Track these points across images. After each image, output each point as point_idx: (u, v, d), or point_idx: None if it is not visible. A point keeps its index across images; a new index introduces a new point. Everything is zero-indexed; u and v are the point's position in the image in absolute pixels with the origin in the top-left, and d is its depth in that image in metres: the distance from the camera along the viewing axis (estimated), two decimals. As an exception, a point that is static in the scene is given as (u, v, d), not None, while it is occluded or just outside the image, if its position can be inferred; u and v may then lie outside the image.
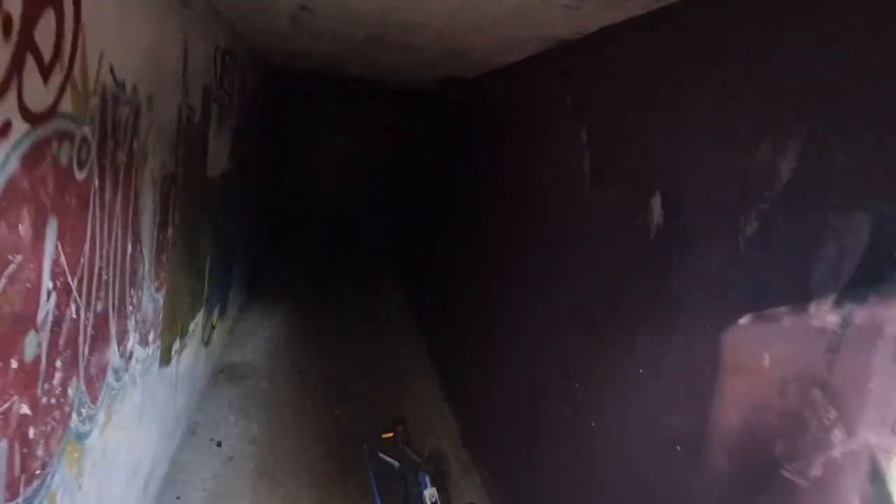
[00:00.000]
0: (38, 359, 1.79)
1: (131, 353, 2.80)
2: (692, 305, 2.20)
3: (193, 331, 4.32)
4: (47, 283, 1.80)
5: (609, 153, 3.00)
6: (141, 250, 2.78)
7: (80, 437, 2.24)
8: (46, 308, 1.81)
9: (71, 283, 1.99)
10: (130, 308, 2.71)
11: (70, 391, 2.09)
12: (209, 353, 5.08)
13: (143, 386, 3.07)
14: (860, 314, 1.52)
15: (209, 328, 5.00)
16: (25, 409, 1.74)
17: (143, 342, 3.00)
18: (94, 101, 2.03)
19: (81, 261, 2.06)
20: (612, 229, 2.86)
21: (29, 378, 1.75)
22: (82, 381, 2.19)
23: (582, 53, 3.35)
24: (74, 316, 2.05)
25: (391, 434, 3.01)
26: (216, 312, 5.27)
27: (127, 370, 2.76)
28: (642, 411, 2.45)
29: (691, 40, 2.37)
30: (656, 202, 2.49)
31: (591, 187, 3.13)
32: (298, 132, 10.29)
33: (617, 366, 2.67)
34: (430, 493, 2.62)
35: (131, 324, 2.75)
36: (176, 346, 3.77)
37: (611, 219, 2.89)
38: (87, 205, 2.07)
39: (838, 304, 1.58)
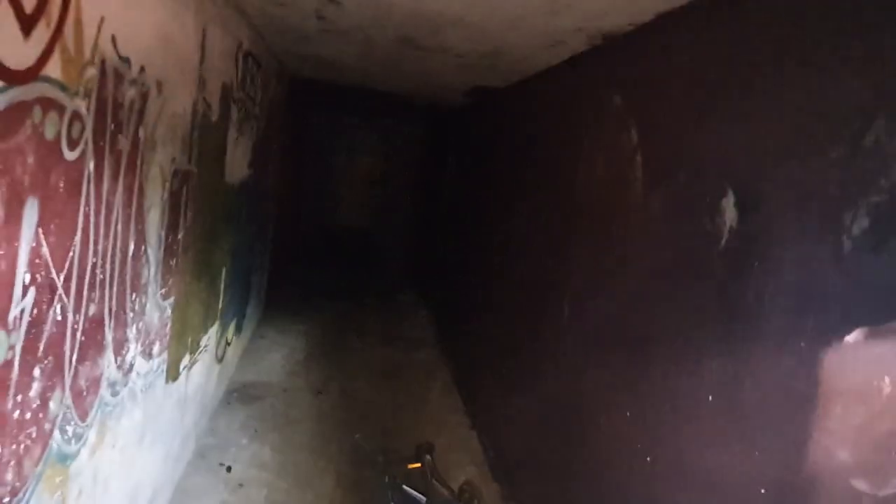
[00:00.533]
0: (8, 364, 1.52)
1: (131, 365, 2.52)
2: (779, 321, 1.85)
3: (206, 346, 4.05)
4: (23, 276, 1.53)
5: (665, 153, 2.69)
6: (146, 251, 2.52)
7: (65, 458, 1.95)
8: (21, 305, 1.54)
9: (56, 280, 1.72)
10: (132, 315, 2.44)
11: (52, 405, 1.81)
12: (222, 371, 4.81)
13: (145, 403, 2.78)
14: None
15: (223, 344, 4.73)
16: (-11, 425, 1.46)
17: (147, 354, 2.73)
18: (91, 73, 1.79)
19: (70, 255, 1.79)
20: (671, 238, 2.53)
21: (-5, 387, 1.47)
22: (68, 394, 1.91)
23: (632, 47, 3.07)
24: (59, 318, 1.78)
25: (419, 465, 2.68)
26: (231, 328, 5.01)
27: (126, 384, 2.49)
28: (711, 445, 2.10)
29: (773, 16, 2.07)
30: (728, 202, 2.17)
31: (643, 193, 2.81)
32: (321, 148, 10.14)
33: (678, 393, 2.32)
34: (461, 533, 2.28)
35: (132, 332, 2.48)
36: (185, 361, 3.49)
37: (669, 226, 2.57)
38: (79, 191, 1.81)
39: None
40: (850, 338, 1.58)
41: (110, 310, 2.19)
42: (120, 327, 2.32)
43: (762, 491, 1.82)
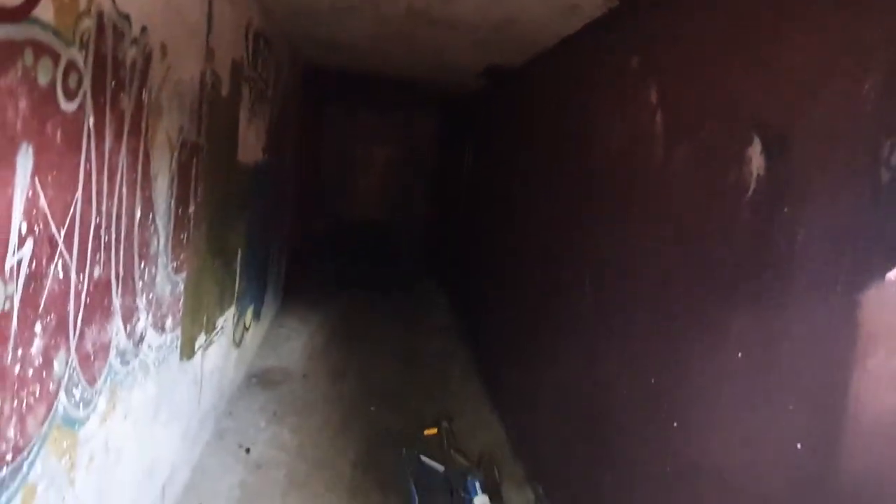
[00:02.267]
0: (6, 316, 1.47)
1: (142, 336, 2.49)
2: (813, 266, 1.74)
3: (222, 328, 4.02)
4: (19, 225, 1.49)
5: (686, 109, 2.58)
6: (154, 220, 2.48)
7: (72, 422, 1.91)
8: (18, 256, 1.50)
9: (56, 235, 1.68)
10: (141, 283, 2.40)
11: (56, 365, 1.77)
12: (241, 356, 4.79)
13: (158, 378, 2.75)
14: None
15: (241, 329, 4.71)
16: (-14, 376, 1.42)
17: (159, 327, 2.69)
18: (87, 24, 1.74)
19: (70, 211, 1.75)
20: (695, 195, 2.42)
21: (-8, 338, 1.43)
22: (74, 357, 1.87)
23: (651, 6, 2.96)
24: (62, 276, 1.74)
25: (435, 430, 2.60)
26: (249, 313, 4.99)
27: (137, 355, 2.45)
28: (742, 402, 1.99)
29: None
30: (754, 150, 2.05)
31: (664, 152, 2.70)
32: (337, 139, 10.12)
33: (705, 353, 2.22)
34: (480, 500, 2.20)
35: (142, 302, 2.44)
36: (201, 340, 3.46)
37: (692, 183, 2.46)
38: (79, 146, 1.77)
39: None
40: (893, 275, 1.46)
41: (117, 275, 2.15)
42: (128, 295, 2.28)
43: (798, 446, 1.71)
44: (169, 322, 2.82)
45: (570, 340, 3.53)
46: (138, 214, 2.29)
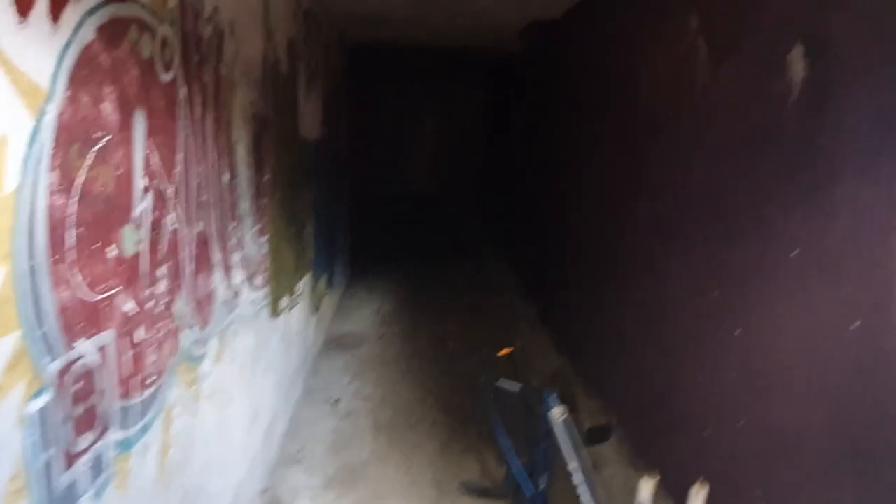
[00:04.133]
0: (137, 257, 1.73)
1: (239, 289, 2.76)
2: (859, 155, 1.82)
3: (301, 293, 4.32)
4: (140, 180, 1.74)
5: (727, 29, 2.64)
6: (238, 185, 2.74)
7: (193, 358, 2.20)
8: (142, 206, 1.76)
9: (166, 191, 1.93)
10: (233, 241, 2.67)
11: (177, 306, 2.04)
12: (319, 321, 5.11)
13: (255, 330, 3.04)
14: None
15: (317, 296, 5.02)
16: (130, 307, 1.68)
17: (251, 284, 2.97)
18: (173, 4, 1.97)
19: (175, 170, 2.00)
20: (742, 108, 2.49)
21: (130, 274, 1.69)
22: (189, 300, 2.15)
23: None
24: (173, 227, 2.00)
25: (509, 350, 2.79)
26: (323, 282, 5.30)
27: (236, 307, 2.73)
28: (799, 299, 2.09)
29: None
30: (796, 55, 2.12)
31: (709, 74, 2.77)
32: (386, 116, 10.34)
33: (765, 258, 2.31)
34: (558, 411, 2.37)
35: (236, 259, 2.71)
36: (285, 301, 3.76)
37: (738, 98, 2.53)
38: (176, 113, 2.01)
39: None
40: (934, 144, 1.54)
41: (215, 232, 2.42)
42: (225, 251, 2.55)
43: (855, 325, 1.81)
44: (259, 280, 3.10)
45: (633, 269, 3.64)
46: (226, 178, 2.55)
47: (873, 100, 1.78)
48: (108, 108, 1.55)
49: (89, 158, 1.45)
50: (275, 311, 3.49)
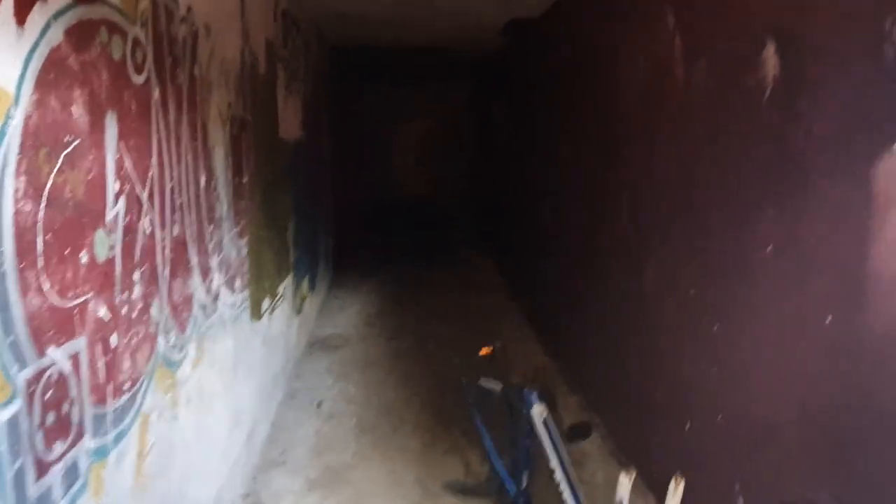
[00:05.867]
0: (111, 262, 1.71)
1: (218, 293, 2.74)
2: (830, 149, 1.85)
3: (283, 295, 4.29)
4: (113, 184, 1.72)
5: (703, 24, 2.66)
6: (216, 187, 2.72)
7: (171, 364, 2.17)
8: (115, 210, 1.73)
9: (140, 195, 1.91)
10: (212, 245, 2.65)
11: (153, 311, 2.02)
12: (302, 323, 5.08)
13: (234, 333, 3.02)
14: None
15: (299, 298, 4.99)
16: (103, 313, 1.66)
17: (230, 286, 2.95)
18: (144, 5, 1.95)
19: (150, 174, 1.98)
20: (717, 105, 2.52)
21: (104, 280, 1.67)
22: (166, 305, 2.12)
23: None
24: (148, 231, 1.98)
25: (490, 349, 2.79)
26: (305, 283, 5.27)
27: (215, 311, 2.71)
28: (776, 293, 2.11)
29: None
30: (769, 51, 2.14)
31: (684, 71, 2.79)
32: (372, 116, 10.27)
33: (738, 255, 2.34)
34: (538, 410, 2.38)
35: (214, 262, 2.69)
36: (266, 304, 3.73)
37: (713, 96, 2.55)
38: (149, 115, 1.99)
39: None
40: (900, 142, 1.57)
41: (192, 235, 2.40)
42: (203, 254, 2.53)
43: (828, 319, 1.83)
44: (238, 283, 3.08)
45: (615, 267, 3.66)
46: (203, 181, 2.52)
47: (841, 98, 1.80)
48: (78, 112, 1.53)
49: (59, 163, 1.43)
50: (256, 314, 3.47)
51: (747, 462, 2.26)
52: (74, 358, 1.51)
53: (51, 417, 1.40)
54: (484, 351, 2.81)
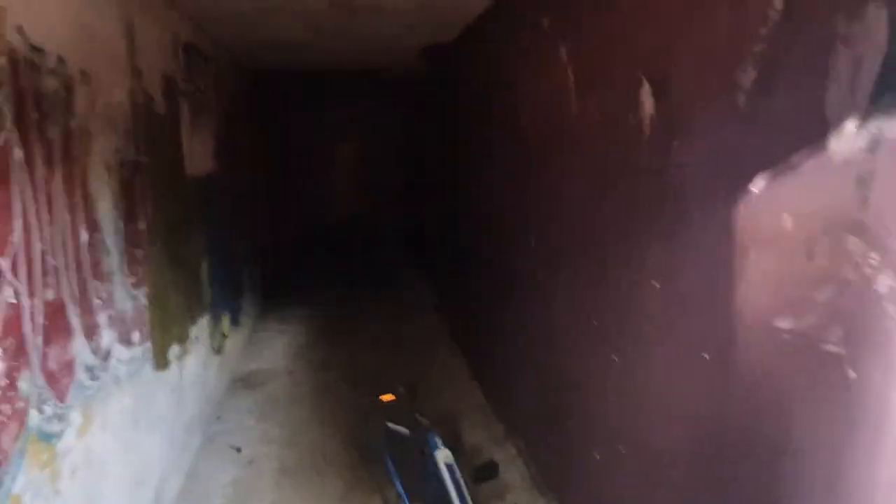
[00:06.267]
0: (-39, 343, 1.60)
1: (109, 351, 2.61)
2: (699, 190, 1.91)
3: (198, 337, 4.14)
4: (-40, 258, 1.61)
5: (590, 61, 2.73)
6: (103, 240, 2.59)
7: (47, 437, 2.05)
8: (-36, 286, 1.62)
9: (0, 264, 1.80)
10: (98, 301, 2.52)
11: (22, 385, 1.89)
12: (223, 363, 4.91)
13: (133, 390, 2.88)
14: (890, 127, 1.23)
15: (219, 336, 4.83)
16: (-49, 399, 1.54)
17: (126, 341, 2.82)
18: (1, 62, 1.84)
19: (12, 239, 1.87)
20: (606, 141, 2.58)
21: (-49, 364, 1.55)
22: (39, 376, 2.00)
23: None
24: (13, 301, 1.86)
25: (390, 396, 2.76)
26: (226, 321, 5.11)
27: (106, 370, 2.58)
28: (661, 328, 2.17)
29: None
30: (645, 92, 2.21)
31: (577, 104, 2.85)
32: (302, 139, 10.14)
33: (630, 288, 2.39)
34: (442, 454, 2.36)
35: (103, 319, 2.56)
36: (175, 351, 3.59)
37: (602, 131, 2.62)
38: (8, 178, 1.88)
39: (861, 124, 1.29)
40: (755, 186, 1.63)
41: (72, 296, 2.27)
42: (87, 314, 2.40)
43: (706, 357, 1.89)
44: (136, 336, 2.95)
45: (529, 300, 3.70)
46: (85, 236, 2.40)
47: (708, 141, 1.87)
48: None
49: None
50: (162, 364, 3.33)
51: (647, 494, 2.30)
52: None
53: None
54: (386, 398, 2.78)
